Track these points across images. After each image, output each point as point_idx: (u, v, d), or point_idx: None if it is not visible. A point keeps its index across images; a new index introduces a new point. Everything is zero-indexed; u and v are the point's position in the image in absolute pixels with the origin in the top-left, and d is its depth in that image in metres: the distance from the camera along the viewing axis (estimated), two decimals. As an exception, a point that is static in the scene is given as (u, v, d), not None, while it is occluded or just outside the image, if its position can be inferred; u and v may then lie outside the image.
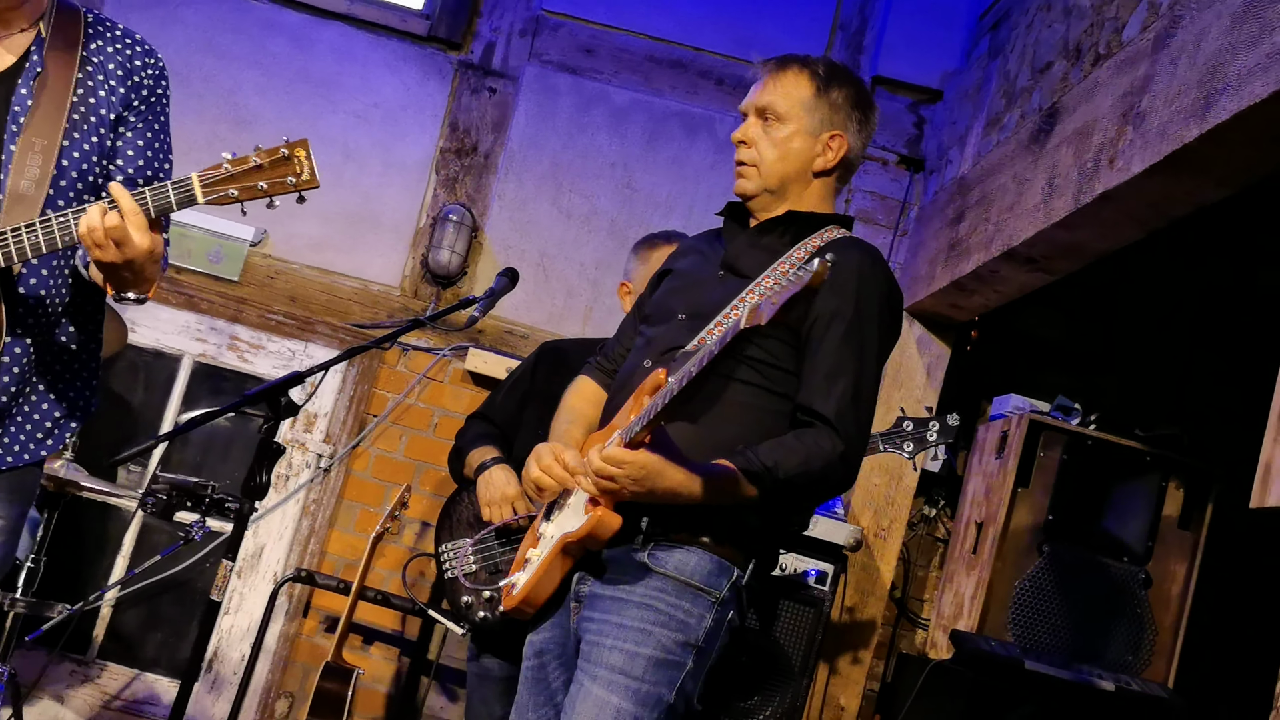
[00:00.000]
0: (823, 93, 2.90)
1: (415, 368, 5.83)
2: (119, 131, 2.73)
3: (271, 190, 2.51)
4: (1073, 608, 4.96)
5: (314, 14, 6.01)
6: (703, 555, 2.67)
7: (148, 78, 2.77)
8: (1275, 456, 2.40)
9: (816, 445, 2.63)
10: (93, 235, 2.42)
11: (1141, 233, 3.95)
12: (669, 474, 2.54)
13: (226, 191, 2.49)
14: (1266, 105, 2.94)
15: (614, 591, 2.68)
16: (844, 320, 2.70)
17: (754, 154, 2.89)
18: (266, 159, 2.49)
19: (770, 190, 2.90)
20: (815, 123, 2.89)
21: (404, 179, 5.96)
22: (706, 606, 2.66)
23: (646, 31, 6.06)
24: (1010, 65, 5.05)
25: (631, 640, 2.62)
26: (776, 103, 2.89)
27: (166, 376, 5.86)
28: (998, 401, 5.50)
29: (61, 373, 2.76)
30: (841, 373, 2.68)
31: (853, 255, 2.76)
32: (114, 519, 5.79)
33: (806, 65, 2.93)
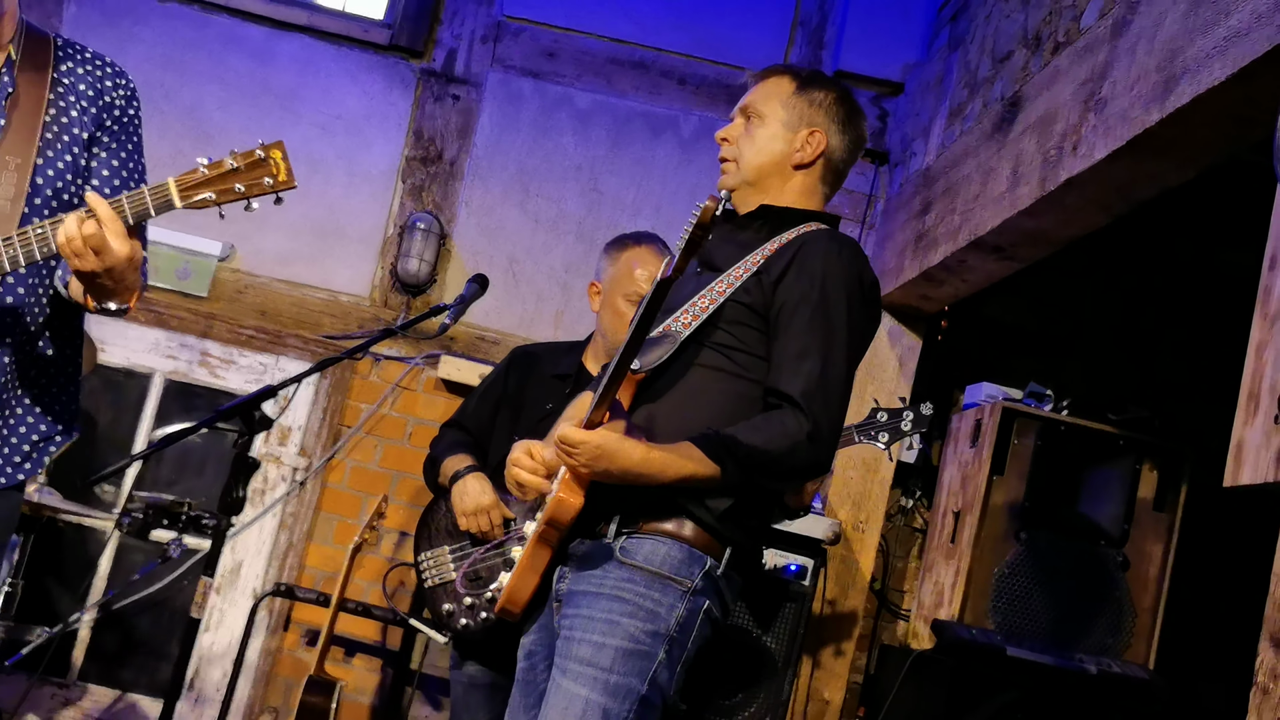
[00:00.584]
0: (801, 91, 2.96)
1: (388, 377, 5.82)
2: (93, 151, 2.72)
3: (249, 192, 2.50)
4: (1052, 593, 4.99)
5: (274, 26, 5.99)
6: (673, 545, 2.66)
7: (119, 98, 2.77)
8: (1247, 435, 2.42)
9: (781, 425, 2.63)
10: (71, 244, 2.41)
11: (1107, 217, 3.98)
12: (625, 452, 2.54)
13: (204, 195, 2.48)
14: (1225, 88, 2.97)
15: (586, 585, 2.68)
16: (809, 304, 2.70)
17: (734, 150, 2.95)
18: (243, 162, 2.49)
19: (749, 183, 2.93)
20: (793, 118, 2.93)
21: (370, 189, 5.95)
22: (678, 596, 2.64)
23: (607, 34, 6.07)
24: (971, 56, 5.07)
25: (599, 632, 2.61)
26: (757, 101, 2.96)
27: (138, 395, 5.83)
28: (970, 390, 5.52)
29: (40, 395, 2.75)
30: (808, 354, 2.68)
31: (821, 242, 2.79)
32: (90, 540, 5.76)
33: (789, 70, 3.02)
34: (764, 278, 2.76)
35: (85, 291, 2.57)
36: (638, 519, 2.69)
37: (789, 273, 2.75)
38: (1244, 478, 2.39)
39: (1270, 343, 2.41)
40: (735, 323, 2.75)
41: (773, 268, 2.77)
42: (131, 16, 5.91)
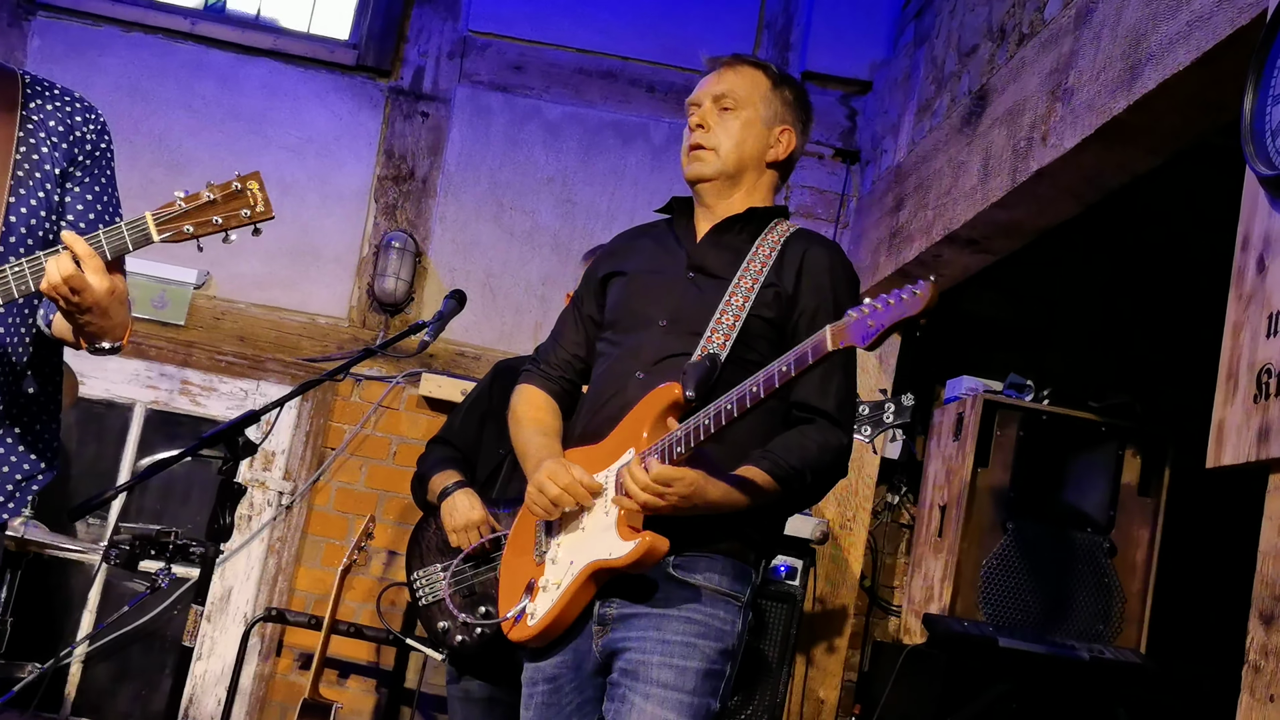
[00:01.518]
0: (776, 88, 2.97)
1: (370, 397, 5.82)
2: (66, 187, 2.72)
3: (227, 224, 2.50)
4: (1041, 582, 5.00)
5: (240, 52, 5.99)
6: (725, 562, 2.70)
7: (90, 133, 2.76)
8: (1227, 416, 2.44)
9: (826, 441, 2.71)
10: (55, 289, 2.41)
11: (1079, 206, 4.00)
12: (713, 488, 2.57)
13: (182, 228, 2.48)
14: (1189, 73, 2.99)
15: (649, 608, 2.67)
16: (828, 316, 2.70)
17: (711, 138, 2.91)
18: (220, 194, 2.49)
19: (728, 174, 2.91)
20: (770, 114, 2.94)
21: (343, 209, 5.94)
22: (736, 612, 2.70)
23: (574, 44, 6.08)
24: (937, 51, 5.09)
25: (679, 655, 2.63)
26: (736, 90, 2.93)
27: (120, 426, 5.81)
28: (951, 384, 5.54)
29: (23, 433, 2.74)
30: (835, 369, 2.75)
31: (821, 252, 2.84)
32: (78, 574, 5.74)
33: (759, 64, 3.01)
34: (779, 290, 2.79)
35: (75, 334, 2.57)
36: (686, 537, 2.67)
37: (802, 285, 2.80)
38: (1225, 458, 2.41)
39: (1246, 323, 2.43)
40: (760, 338, 2.77)
41: (783, 280, 2.80)
42: (96, 47, 5.90)
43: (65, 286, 2.39)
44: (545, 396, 3.03)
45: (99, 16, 5.95)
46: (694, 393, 2.56)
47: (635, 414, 2.69)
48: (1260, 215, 2.47)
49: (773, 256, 2.83)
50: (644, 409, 2.68)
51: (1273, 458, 2.26)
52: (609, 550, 2.63)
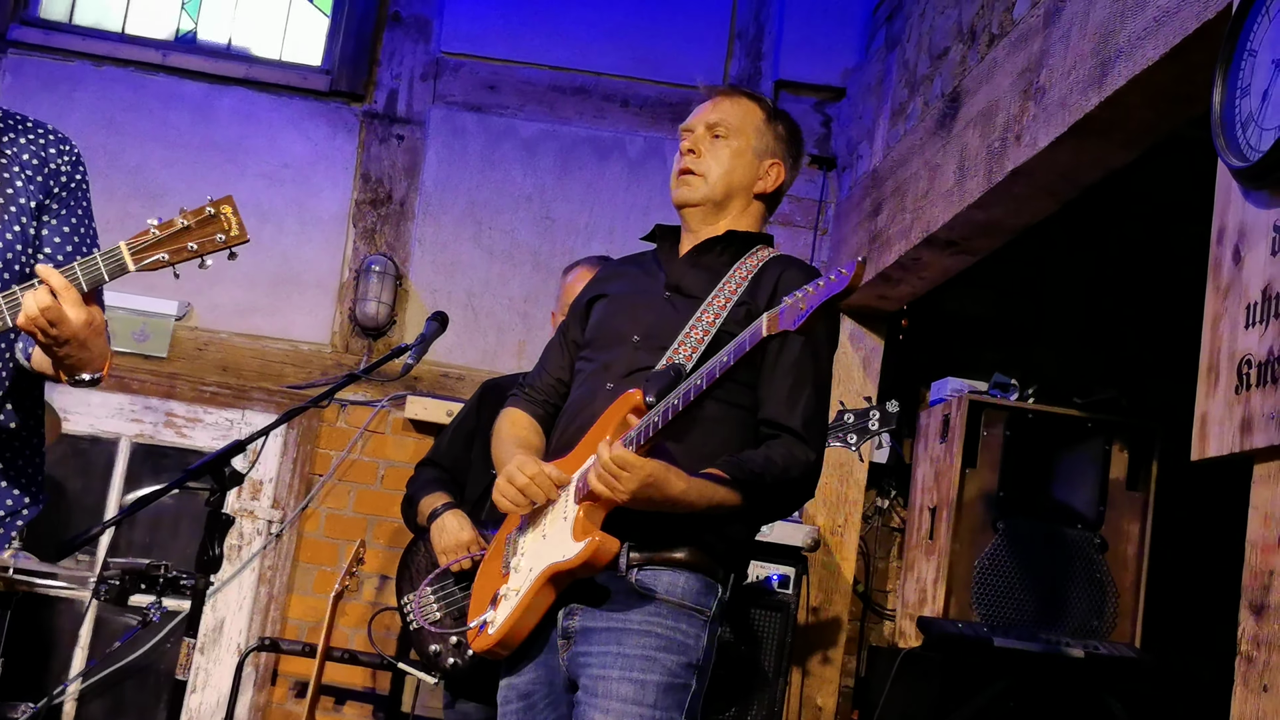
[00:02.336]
0: (770, 122, 3.00)
1: (355, 422, 5.81)
2: (42, 220, 2.71)
3: (202, 250, 2.50)
4: (1034, 580, 5.01)
5: (213, 81, 5.99)
6: (689, 575, 2.69)
7: (65, 164, 2.76)
8: (1210, 408, 2.44)
9: (792, 455, 2.71)
10: (33, 322, 2.40)
11: (1055, 204, 4.01)
12: (671, 482, 2.55)
13: (157, 256, 2.47)
14: (1159, 67, 3.00)
15: (609, 621, 2.67)
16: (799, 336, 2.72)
17: (702, 164, 2.94)
18: (193, 219, 2.48)
19: (715, 200, 2.94)
20: (762, 146, 2.97)
21: (322, 235, 5.94)
22: (700, 626, 2.68)
23: (547, 62, 6.08)
24: (909, 55, 5.11)
25: (638, 669, 2.62)
26: (729, 118, 2.96)
27: (105, 461, 5.79)
28: (936, 386, 5.55)
29: (6, 468, 2.73)
30: (803, 386, 2.76)
31: (799, 274, 2.82)
32: (68, 610, 5.71)
33: (756, 96, 3.05)
34: (751, 309, 2.77)
35: (55, 367, 2.56)
36: (648, 549, 2.68)
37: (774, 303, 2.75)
38: (1210, 450, 2.41)
39: (1224, 314, 2.44)
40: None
41: (757, 298, 2.80)
42: (69, 82, 5.90)
43: (42, 319, 2.39)
44: (528, 417, 3.04)
45: (70, 52, 5.95)
46: (654, 398, 2.57)
47: (600, 421, 2.72)
48: (1234, 207, 2.47)
49: (748, 278, 2.84)
50: (608, 416, 2.70)
51: (1256, 448, 2.26)
52: (563, 553, 2.63)
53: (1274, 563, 2.19)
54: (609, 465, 2.52)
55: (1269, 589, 2.19)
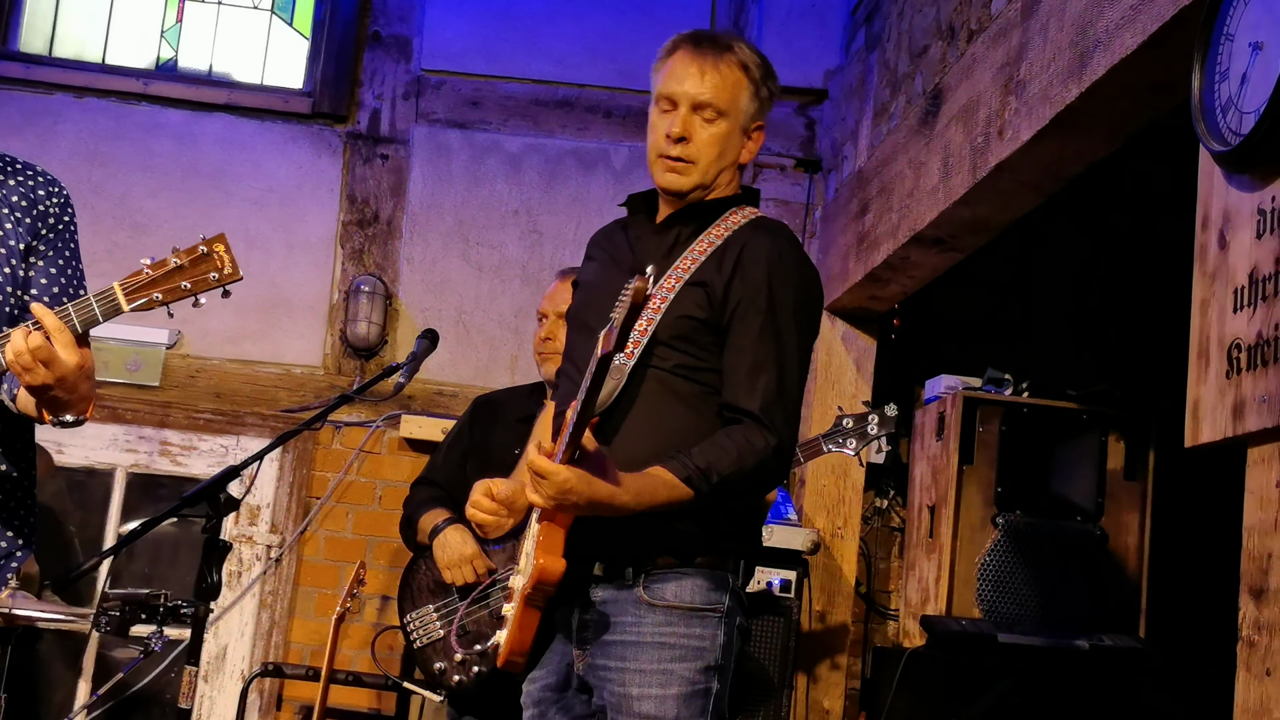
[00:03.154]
0: (756, 92, 2.84)
1: (350, 443, 5.80)
2: (30, 262, 2.71)
3: (196, 289, 2.50)
4: (1035, 575, 5.00)
5: (195, 109, 5.99)
6: (696, 576, 2.65)
7: (53, 206, 2.76)
8: (1202, 394, 2.44)
9: (748, 442, 2.58)
10: (20, 360, 2.39)
11: (1040, 198, 4.01)
12: (596, 488, 2.46)
13: (151, 296, 2.48)
14: (1137, 56, 3.00)
15: (623, 634, 2.64)
16: (759, 312, 2.66)
17: (694, 150, 2.77)
18: (186, 258, 2.49)
19: (704, 186, 2.81)
20: (747, 119, 2.83)
21: (310, 258, 5.93)
22: (715, 624, 2.65)
23: (529, 76, 6.09)
24: (889, 54, 5.11)
25: (657, 684, 2.60)
26: (719, 99, 2.78)
27: (102, 492, 5.79)
28: (930, 384, 5.54)
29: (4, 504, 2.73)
30: (763, 367, 2.64)
31: (761, 242, 2.72)
32: (70, 644, 5.69)
33: (743, 62, 2.83)
34: (709, 290, 2.68)
35: (39, 406, 2.55)
36: (653, 557, 2.65)
37: (734, 281, 2.68)
38: (1204, 436, 2.41)
39: (1212, 299, 2.44)
40: (685, 339, 2.68)
41: (714, 277, 2.69)
42: (50, 115, 5.89)
43: (31, 358, 2.38)
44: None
45: (51, 85, 5.95)
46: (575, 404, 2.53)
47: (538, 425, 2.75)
48: (1218, 192, 2.48)
49: (708, 251, 2.73)
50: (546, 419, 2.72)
51: (1249, 432, 2.26)
52: (525, 575, 2.62)
53: (1272, 546, 2.19)
54: (530, 471, 2.47)
55: (1268, 572, 2.18)
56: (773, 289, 2.68)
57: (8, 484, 2.74)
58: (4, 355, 2.43)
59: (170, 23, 6.24)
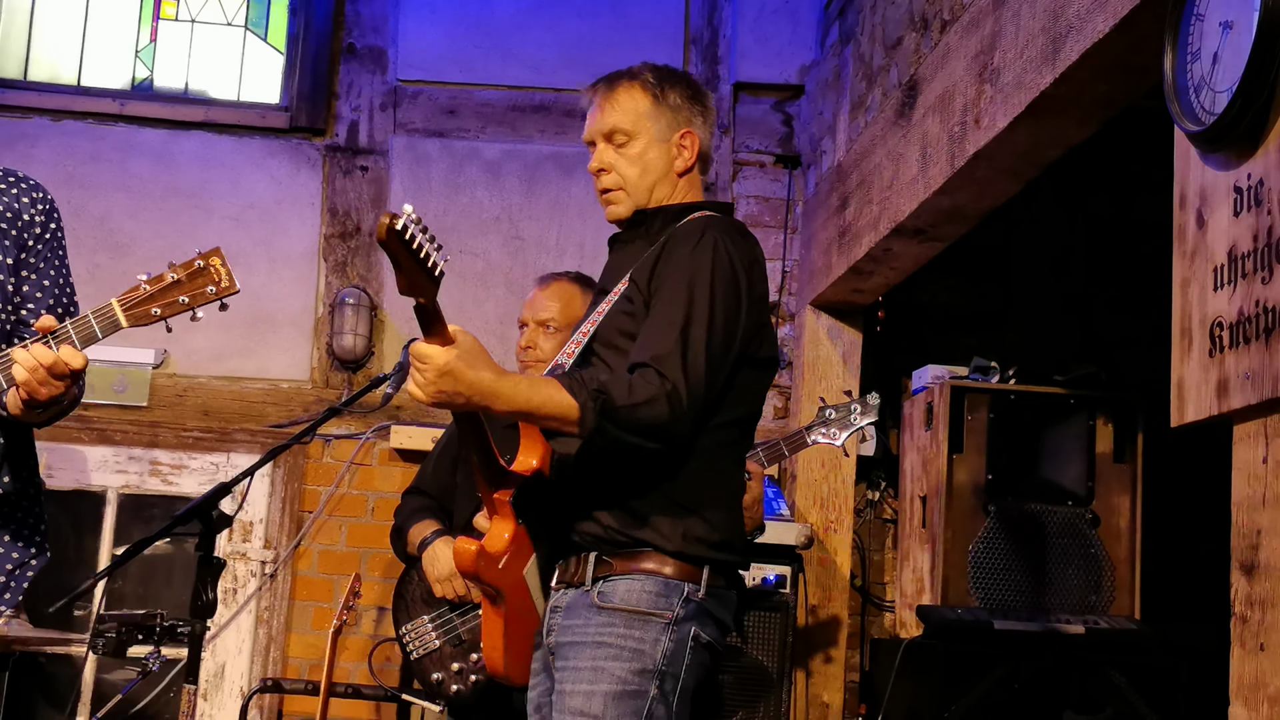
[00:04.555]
0: (660, 99, 2.89)
1: (341, 456, 5.80)
2: (21, 275, 2.71)
3: (194, 303, 2.51)
4: (1029, 561, 5.02)
5: (172, 127, 5.98)
6: (648, 580, 2.64)
7: (39, 214, 2.77)
8: (1186, 373, 2.45)
9: (643, 380, 2.53)
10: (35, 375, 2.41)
11: (1018, 184, 4.03)
12: (477, 370, 2.42)
13: (149, 311, 2.50)
14: (1110, 40, 3.01)
15: (571, 636, 2.66)
16: (669, 284, 2.66)
17: (616, 178, 2.87)
18: (184, 273, 2.51)
19: (640, 206, 2.87)
20: (663, 128, 2.87)
21: (294, 272, 5.93)
22: (660, 630, 2.61)
23: (505, 82, 6.09)
24: (864, 47, 5.13)
25: (586, 680, 2.60)
26: (620, 121, 2.86)
27: (94, 515, 5.77)
28: (917, 375, 5.56)
29: (6, 522, 2.72)
30: (661, 327, 2.61)
31: (689, 228, 2.74)
32: (67, 667, 5.68)
33: (635, 77, 2.93)
34: (638, 283, 2.72)
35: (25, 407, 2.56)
36: (610, 560, 2.67)
37: (657, 266, 2.70)
38: (1189, 415, 2.43)
39: (1193, 279, 2.45)
40: (625, 335, 2.71)
41: (643, 270, 2.73)
42: (26, 140, 5.88)
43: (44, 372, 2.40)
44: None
45: (26, 108, 5.93)
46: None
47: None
48: (1194, 172, 2.49)
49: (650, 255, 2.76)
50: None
51: (1234, 409, 2.27)
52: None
53: (1260, 521, 2.20)
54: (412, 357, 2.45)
55: (1257, 548, 2.20)
56: (691, 263, 2.67)
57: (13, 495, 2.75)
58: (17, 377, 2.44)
59: (144, 42, 6.23)
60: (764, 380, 2.83)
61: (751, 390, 2.80)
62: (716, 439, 2.71)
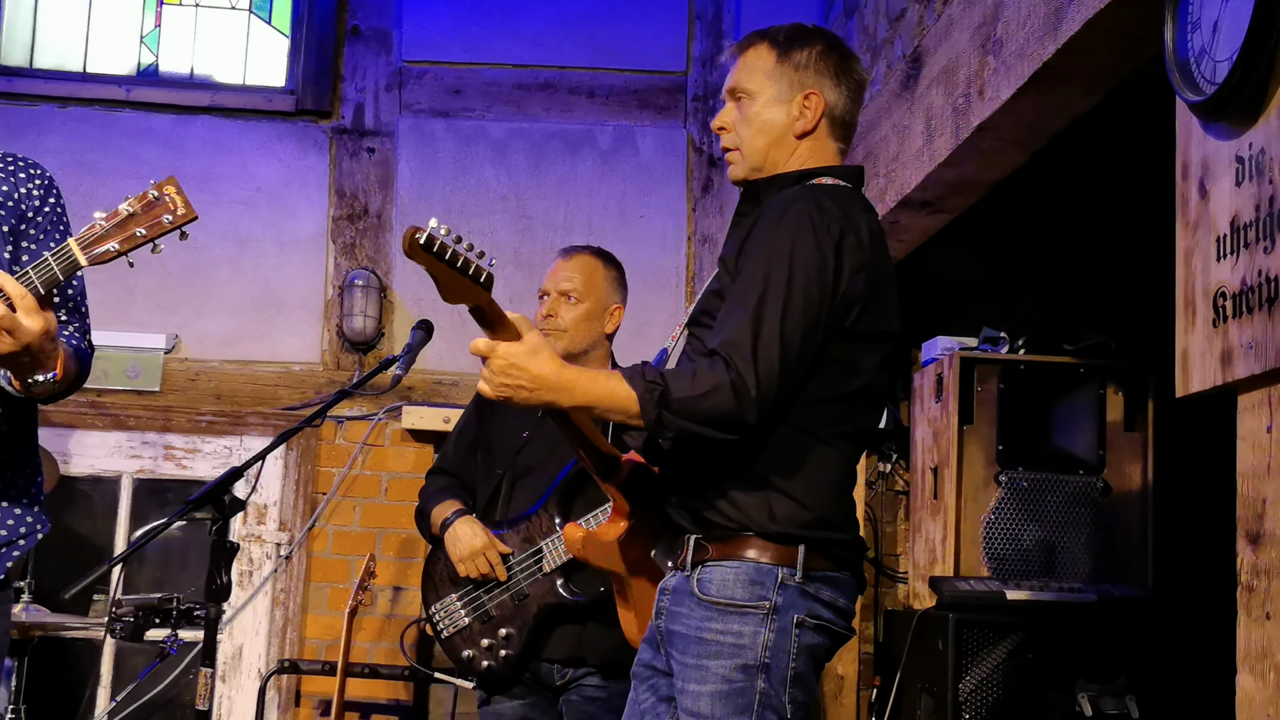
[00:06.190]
0: (784, 57, 2.77)
1: (353, 437, 5.82)
2: (21, 247, 2.71)
3: (151, 234, 2.50)
4: (1040, 530, 5.01)
5: (179, 112, 5.99)
6: (740, 568, 2.57)
7: (35, 189, 2.76)
8: (1190, 344, 2.46)
9: (709, 369, 2.47)
10: None
11: (1025, 155, 4.02)
12: (539, 361, 2.44)
13: (107, 248, 2.48)
14: (1111, 9, 3.00)
15: (679, 627, 2.62)
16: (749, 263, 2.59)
17: (734, 138, 2.79)
18: (139, 205, 2.50)
19: (756, 168, 2.78)
20: (783, 88, 2.76)
21: (303, 255, 5.95)
22: (758, 622, 2.55)
23: (510, 60, 6.09)
24: (867, 20, 5.12)
25: (694, 679, 2.57)
26: (743, 80, 2.79)
27: (109, 500, 5.81)
28: (926, 347, 5.55)
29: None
30: (735, 312, 2.53)
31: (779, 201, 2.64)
32: (86, 652, 5.73)
33: (766, 35, 2.83)
34: (727, 262, 2.67)
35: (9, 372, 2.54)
36: (708, 545, 2.62)
37: (745, 244, 2.64)
38: (1194, 385, 2.43)
39: (1196, 249, 2.45)
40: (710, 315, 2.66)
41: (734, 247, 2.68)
42: (36, 128, 5.90)
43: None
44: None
45: (34, 96, 5.95)
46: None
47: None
48: (1195, 142, 2.49)
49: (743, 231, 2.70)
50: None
51: (1238, 379, 2.28)
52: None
53: (1266, 491, 2.20)
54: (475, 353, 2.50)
55: (1263, 517, 2.20)
56: (773, 239, 2.57)
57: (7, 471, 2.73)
58: None
59: (149, 27, 6.24)
60: (867, 351, 2.66)
61: (851, 365, 2.63)
62: (811, 416, 2.60)
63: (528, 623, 3.74)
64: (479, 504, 3.96)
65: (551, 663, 3.78)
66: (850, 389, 2.64)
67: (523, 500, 3.88)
